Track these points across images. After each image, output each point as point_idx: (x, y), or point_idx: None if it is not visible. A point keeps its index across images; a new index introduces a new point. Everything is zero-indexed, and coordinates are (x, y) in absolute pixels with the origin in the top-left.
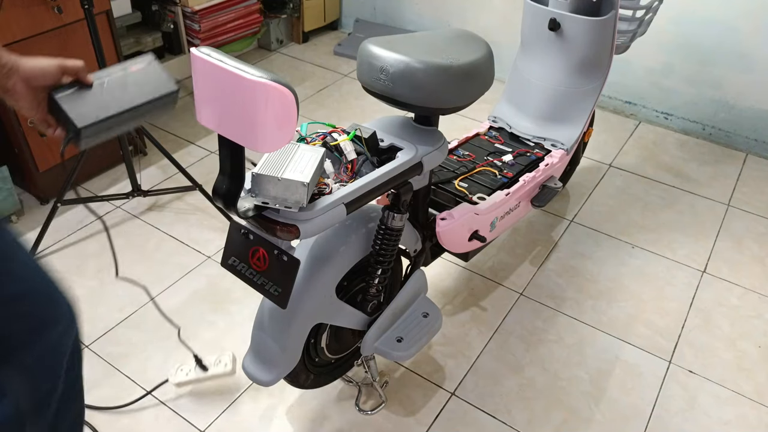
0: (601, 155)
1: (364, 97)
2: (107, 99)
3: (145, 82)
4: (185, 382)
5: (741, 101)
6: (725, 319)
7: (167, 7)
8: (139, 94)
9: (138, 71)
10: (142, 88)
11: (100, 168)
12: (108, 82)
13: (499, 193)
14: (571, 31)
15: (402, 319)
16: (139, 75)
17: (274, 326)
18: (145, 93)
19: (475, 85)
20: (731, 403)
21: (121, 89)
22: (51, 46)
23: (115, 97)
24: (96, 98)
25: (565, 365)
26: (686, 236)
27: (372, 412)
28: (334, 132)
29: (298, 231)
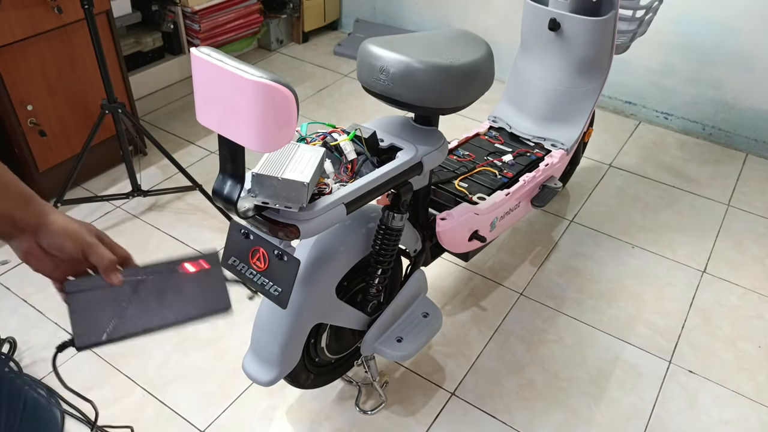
0: (601, 155)
1: (364, 97)
2: (131, 314)
3: (192, 291)
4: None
5: (741, 101)
6: (725, 319)
7: (167, 7)
8: (178, 310)
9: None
10: (185, 300)
11: (100, 168)
12: (142, 289)
13: (499, 193)
14: (571, 31)
15: (402, 319)
16: (188, 280)
17: (274, 326)
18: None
19: (475, 85)
20: (731, 403)
21: (156, 299)
22: (51, 46)
23: (144, 311)
24: (116, 308)
25: (565, 365)
26: (686, 236)
27: (372, 412)
28: (334, 132)
29: (298, 231)
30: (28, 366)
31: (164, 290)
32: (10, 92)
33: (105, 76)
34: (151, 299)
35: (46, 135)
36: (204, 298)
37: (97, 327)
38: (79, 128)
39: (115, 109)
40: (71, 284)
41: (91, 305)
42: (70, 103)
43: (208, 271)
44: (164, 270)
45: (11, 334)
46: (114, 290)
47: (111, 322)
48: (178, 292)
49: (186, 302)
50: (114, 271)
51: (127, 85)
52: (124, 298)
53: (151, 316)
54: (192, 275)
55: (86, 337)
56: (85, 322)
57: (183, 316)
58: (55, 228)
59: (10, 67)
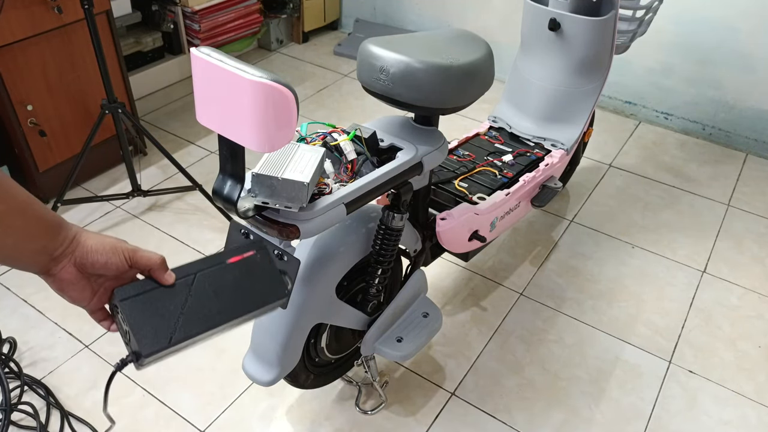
0: (601, 155)
1: (364, 97)
2: (189, 314)
3: (247, 281)
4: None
5: (741, 101)
6: (725, 319)
7: (167, 7)
8: (237, 303)
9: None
10: (241, 292)
11: (100, 168)
12: (195, 287)
13: (499, 193)
14: (571, 31)
15: (402, 319)
16: (239, 270)
17: (274, 326)
18: (245, 301)
19: (475, 85)
20: (731, 403)
21: (214, 296)
22: (51, 46)
23: (202, 308)
24: (174, 311)
25: (565, 365)
26: (686, 236)
27: (372, 412)
28: (334, 132)
29: (298, 231)
30: (28, 366)
31: (219, 285)
32: (10, 92)
33: (105, 76)
34: (208, 295)
35: (46, 135)
36: (260, 285)
37: (160, 332)
38: (79, 128)
39: (115, 109)
40: (120, 291)
41: (147, 311)
42: (70, 103)
43: (255, 257)
44: (213, 263)
45: (11, 334)
46: (167, 292)
47: (173, 325)
48: (232, 282)
49: (243, 295)
50: (167, 270)
51: (127, 85)
52: (180, 298)
53: (212, 313)
54: (241, 263)
55: (151, 345)
56: (145, 328)
57: (244, 309)
58: (93, 246)
59: (10, 67)
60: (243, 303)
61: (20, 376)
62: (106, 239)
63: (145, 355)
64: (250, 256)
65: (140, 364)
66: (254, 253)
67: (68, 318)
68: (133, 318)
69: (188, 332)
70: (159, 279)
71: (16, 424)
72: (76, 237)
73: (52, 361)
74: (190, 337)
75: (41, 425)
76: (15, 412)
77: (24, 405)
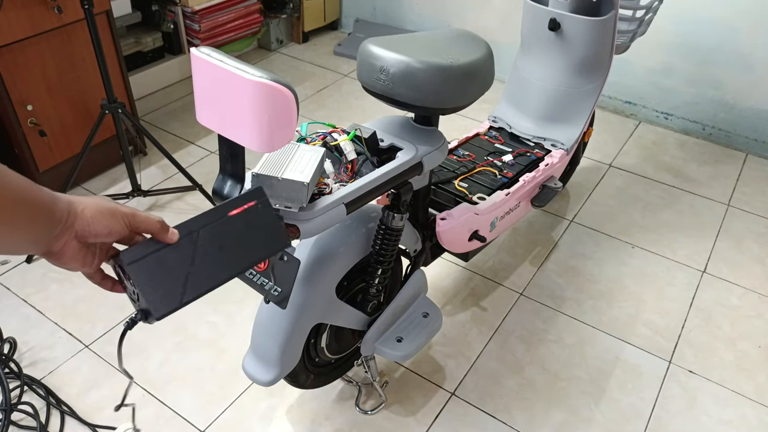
0: (601, 155)
1: (364, 97)
2: (196, 270)
3: (249, 232)
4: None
5: (741, 101)
6: (725, 319)
7: (167, 7)
8: (241, 256)
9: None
10: (244, 243)
11: (100, 168)
12: (200, 243)
13: (499, 193)
14: (571, 31)
15: (402, 319)
16: (241, 222)
17: (274, 326)
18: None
19: (475, 85)
20: (731, 403)
21: (217, 249)
22: (51, 46)
23: (208, 264)
24: (181, 269)
25: (565, 365)
26: (686, 236)
27: (372, 412)
28: (334, 132)
29: (298, 231)
30: (28, 366)
31: (222, 237)
32: (10, 92)
33: (105, 76)
34: (213, 250)
35: (46, 135)
36: (261, 235)
37: (171, 291)
38: (79, 128)
39: (115, 109)
40: (126, 254)
41: (155, 271)
42: (70, 103)
43: (256, 207)
44: (214, 217)
45: (11, 334)
46: (174, 250)
47: (182, 283)
48: (235, 235)
49: (246, 244)
50: (168, 230)
51: (127, 85)
52: (186, 255)
53: (218, 266)
54: (242, 215)
55: (163, 305)
56: (156, 289)
57: (248, 260)
58: (92, 215)
59: (10, 67)
60: (247, 254)
61: (20, 376)
62: (102, 205)
63: (158, 316)
64: (251, 207)
65: (150, 321)
66: (255, 203)
67: (68, 318)
68: (142, 281)
69: (197, 290)
70: (163, 239)
71: (16, 424)
72: (72, 210)
73: (52, 361)
74: (199, 294)
75: (41, 425)
76: (15, 412)
77: (24, 405)
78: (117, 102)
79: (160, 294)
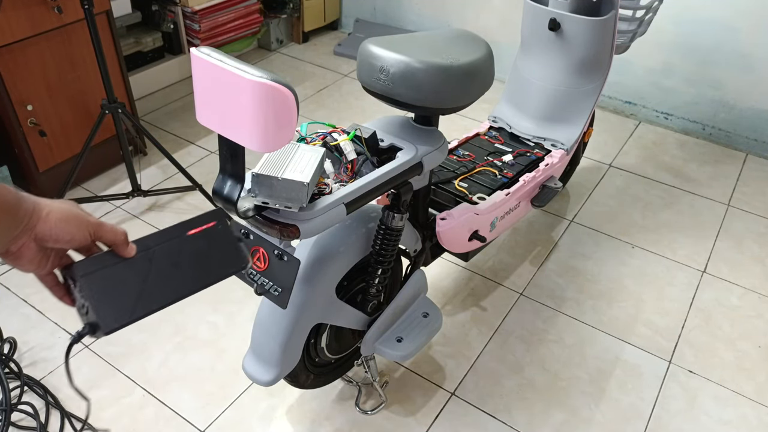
0: (601, 155)
1: (364, 97)
2: (150, 287)
3: (206, 253)
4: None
5: (741, 101)
6: (725, 319)
7: (167, 7)
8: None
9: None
10: (201, 262)
11: (100, 168)
12: (155, 261)
13: (499, 193)
14: (571, 31)
15: (402, 319)
16: (199, 242)
17: (274, 326)
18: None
19: (475, 85)
20: (731, 403)
21: (173, 268)
22: (51, 46)
23: (162, 282)
24: (134, 285)
25: (565, 365)
26: (686, 236)
27: (372, 412)
28: (334, 132)
29: (298, 231)
30: (28, 366)
31: (179, 256)
32: (10, 92)
33: (105, 76)
34: (168, 268)
35: (46, 135)
36: (219, 256)
37: (121, 306)
38: (79, 128)
39: (115, 109)
40: (80, 266)
41: (108, 286)
42: (70, 103)
43: (216, 228)
44: (173, 235)
45: (11, 334)
46: (128, 265)
47: (134, 299)
48: (192, 255)
49: (203, 265)
50: (128, 244)
51: (127, 85)
52: (141, 271)
53: (171, 284)
54: (201, 234)
55: (113, 320)
56: (107, 304)
57: (203, 280)
58: (56, 221)
59: (10, 67)
60: (202, 275)
61: (20, 376)
62: (68, 211)
63: (106, 331)
64: (210, 228)
65: (97, 336)
66: (215, 224)
67: (68, 318)
68: (94, 294)
69: (148, 306)
70: (121, 253)
71: (16, 425)
72: (35, 212)
73: (52, 361)
74: (150, 311)
75: (41, 425)
76: (15, 412)
77: (24, 405)
78: (117, 102)
79: (110, 308)
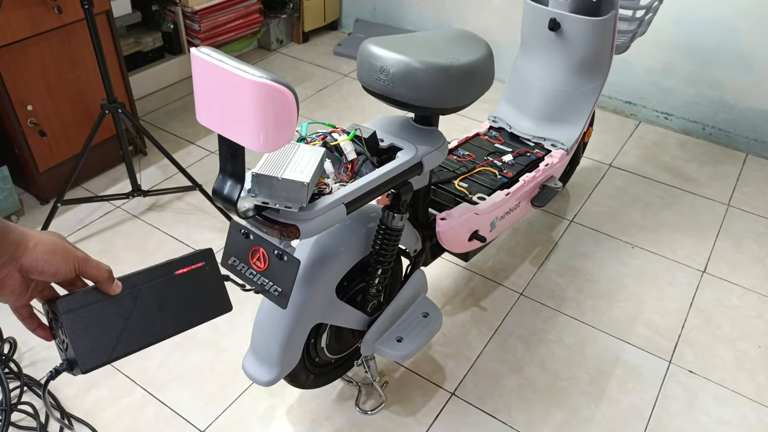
0: (601, 155)
1: (364, 97)
2: (132, 327)
3: (192, 293)
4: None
5: (741, 101)
6: (725, 319)
7: (167, 7)
8: (180, 317)
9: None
10: (185, 303)
11: (100, 168)
12: (140, 300)
13: (499, 193)
14: (571, 31)
15: (402, 319)
16: (186, 282)
17: (274, 326)
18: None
19: (475, 85)
20: (731, 403)
21: (157, 309)
22: (51, 46)
23: (145, 322)
24: (116, 324)
25: (565, 365)
26: (686, 236)
27: (372, 412)
28: (334, 132)
29: (298, 231)
30: (28, 366)
31: (164, 297)
32: (10, 92)
33: (105, 76)
34: (152, 308)
35: (46, 135)
36: (204, 299)
37: (101, 345)
38: (79, 128)
39: (115, 109)
40: (63, 302)
41: (90, 323)
42: (70, 103)
43: (204, 269)
44: (160, 274)
45: (11, 335)
46: (113, 302)
47: (115, 338)
48: (177, 295)
49: (187, 306)
50: (113, 281)
51: (127, 85)
52: (124, 310)
53: (154, 324)
54: (188, 275)
55: (91, 359)
56: (87, 342)
57: (186, 322)
58: (42, 253)
59: (10, 67)
60: (186, 317)
61: (20, 376)
62: (56, 244)
63: (84, 370)
64: (198, 268)
65: (74, 373)
66: (203, 264)
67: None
68: (74, 331)
69: (129, 346)
70: (105, 290)
71: (16, 425)
72: (22, 243)
73: (52, 362)
74: (130, 351)
75: (41, 425)
76: (15, 413)
77: (24, 405)
78: (117, 102)
79: (89, 347)
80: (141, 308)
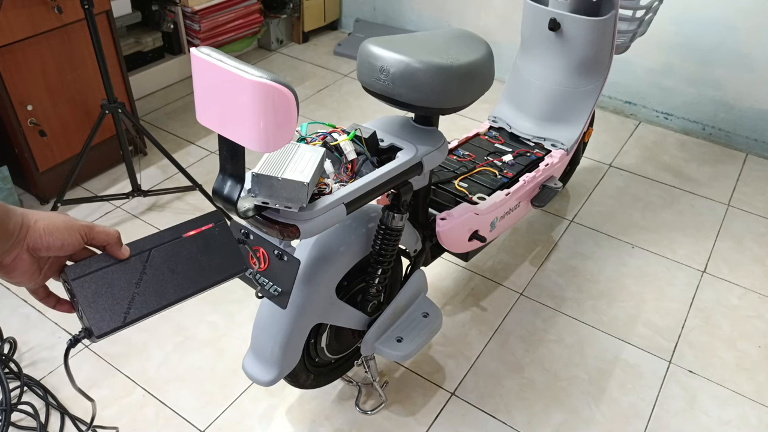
0: (601, 155)
1: (364, 97)
2: (144, 290)
3: (203, 255)
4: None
5: (741, 101)
6: (725, 319)
7: (167, 7)
8: (192, 278)
9: (195, 238)
10: (198, 266)
11: (100, 168)
12: (150, 263)
13: (499, 193)
14: (571, 31)
15: (402, 319)
16: (196, 244)
17: (274, 326)
18: (201, 276)
19: (475, 85)
20: (731, 403)
21: (168, 271)
22: (51, 46)
23: (156, 284)
24: (128, 288)
25: (565, 365)
26: (686, 236)
27: (372, 412)
28: (334, 132)
29: (298, 231)
30: (28, 366)
31: (175, 259)
32: (10, 92)
33: (105, 76)
34: (163, 271)
35: (46, 135)
36: (216, 260)
37: (114, 310)
38: (79, 128)
39: (115, 109)
40: (72, 270)
41: (100, 289)
42: (70, 103)
43: (213, 230)
44: (168, 238)
45: (11, 334)
46: (122, 268)
47: (127, 302)
48: (188, 257)
49: (199, 267)
50: (122, 245)
51: (127, 85)
52: (135, 274)
53: (166, 287)
54: (198, 237)
55: (104, 323)
56: (99, 307)
57: (199, 283)
58: (45, 229)
59: (10, 67)
60: (198, 278)
61: (20, 376)
62: (56, 219)
63: (98, 335)
64: (208, 230)
65: (93, 340)
66: (212, 226)
67: (68, 318)
68: (86, 297)
69: (142, 310)
70: (114, 254)
71: (16, 425)
72: (24, 223)
73: (52, 361)
74: (144, 315)
75: (41, 425)
76: (15, 412)
77: (24, 405)
78: (117, 102)
79: (102, 312)
80: (151, 272)
